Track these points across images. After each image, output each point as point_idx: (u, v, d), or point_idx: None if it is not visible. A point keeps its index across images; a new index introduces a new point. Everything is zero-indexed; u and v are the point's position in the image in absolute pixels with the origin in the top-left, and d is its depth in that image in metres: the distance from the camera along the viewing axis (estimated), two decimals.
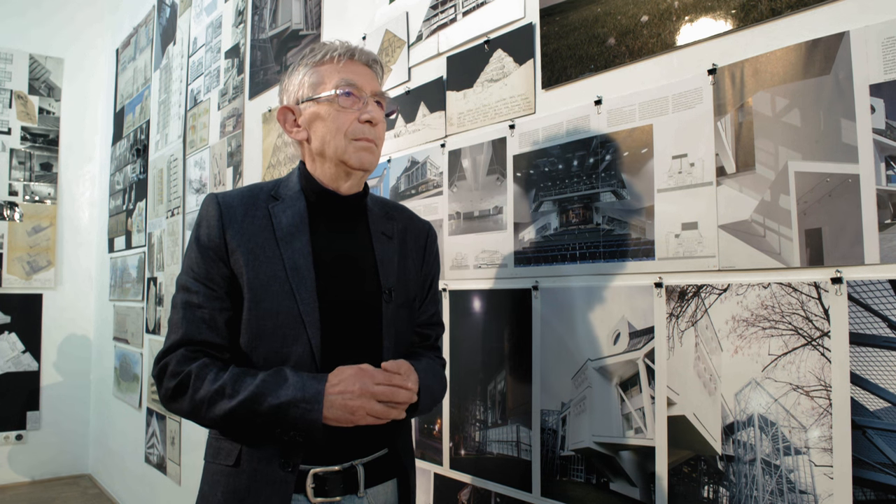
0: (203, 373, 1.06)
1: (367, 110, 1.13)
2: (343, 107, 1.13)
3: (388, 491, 1.20)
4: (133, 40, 4.46)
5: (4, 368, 4.52)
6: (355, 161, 1.14)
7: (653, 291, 1.23)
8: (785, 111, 1.05)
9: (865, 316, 0.95)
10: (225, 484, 1.10)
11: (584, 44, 1.39)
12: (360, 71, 1.16)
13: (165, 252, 3.52)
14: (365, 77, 1.16)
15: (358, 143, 1.13)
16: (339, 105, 1.13)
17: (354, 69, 1.15)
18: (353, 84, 1.13)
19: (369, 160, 1.15)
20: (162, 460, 3.47)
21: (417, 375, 1.11)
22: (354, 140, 1.13)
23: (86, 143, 5.00)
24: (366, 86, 1.15)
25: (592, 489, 1.32)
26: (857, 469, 0.95)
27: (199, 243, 1.14)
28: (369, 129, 1.14)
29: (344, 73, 1.14)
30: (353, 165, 1.14)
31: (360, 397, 1.03)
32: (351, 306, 1.16)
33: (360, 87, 1.14)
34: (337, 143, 1.14)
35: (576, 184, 1.39)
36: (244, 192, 1.19)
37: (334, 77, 1.14)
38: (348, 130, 1.13)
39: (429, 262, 1.31)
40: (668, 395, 1.19)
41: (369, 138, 1.14)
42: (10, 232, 4.62)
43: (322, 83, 1.15)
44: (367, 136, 1.14)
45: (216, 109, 3.10)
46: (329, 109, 1.13)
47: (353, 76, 1.14)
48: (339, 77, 1.14)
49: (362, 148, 1.14)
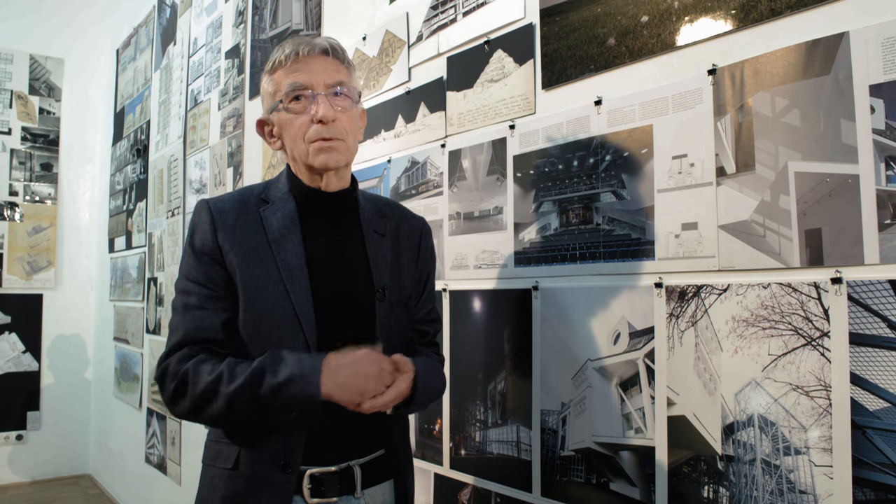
0: (200, 367, 1.06)
1: (316, 108, 1.10)
2: (296, 112, 1.11)
3: (386, 492, 1.20)
4: (133, 41, 4.46)
5: (5, 369, 4.52)
6: (317, 163, 1.12)
7: (653, 291, 1.23)
8: (785, 111, 1.05)
9: (865, 316, 0.95)
10: (224, 488, 1.10)
11: (585, 44, 1.39)
12: (310, 66, 1.12)
13: (166, 252, 3.52)
14: (315, 72, 1.11)
15: (316, 144, 1.11)
16: (292, 111, 1.12)
17: (302, 67, 1.12)
18: (300, 85, 1.11)
19: (331, 159, 1.12)
20: (162, 460, 3.47)
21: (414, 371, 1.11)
22: (312, 143, 1.11)
23: (86, 144, 5.00)
24: (317, 81, 1.11)
25: (592, 489, 1.32)
26: (856, 469, 0.95)
27: (193, 249, 1.14)
28: (325, 129, 1.10)
29: (291, 75, 1.11)
30: (317, 168, 1.14)
31: (358, 374, 1.01)
32: (345, 305, 1.15)
33: (310, 84, 1.11)
34: (298, 148, 1.13)
35: (576, 184, 1.39)
36: (235, 196, 1.19)
37: (283, 82, 1.12)
38: (306, 134, 1.11)
39: (423, 258, 1.31)
40: (668, 395, 1.19)
41: (325, 137, 1.11)
42: (11, 232, 4.62)
43: (277, 91, 1.14)
44: (323, 136, 1.11)
45: (216, 110, 3.10)
46: (286, 116, 1.13)
47: (301, 76, 1.11)
48: (287, 81, 1.12)
49: (320, 150, 1.11)
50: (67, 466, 4.75)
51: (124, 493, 4.12)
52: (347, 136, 1.14)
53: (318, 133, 1.11)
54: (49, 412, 4.67)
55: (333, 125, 1.11)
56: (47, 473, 4.66)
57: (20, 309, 4.61)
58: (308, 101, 1.11)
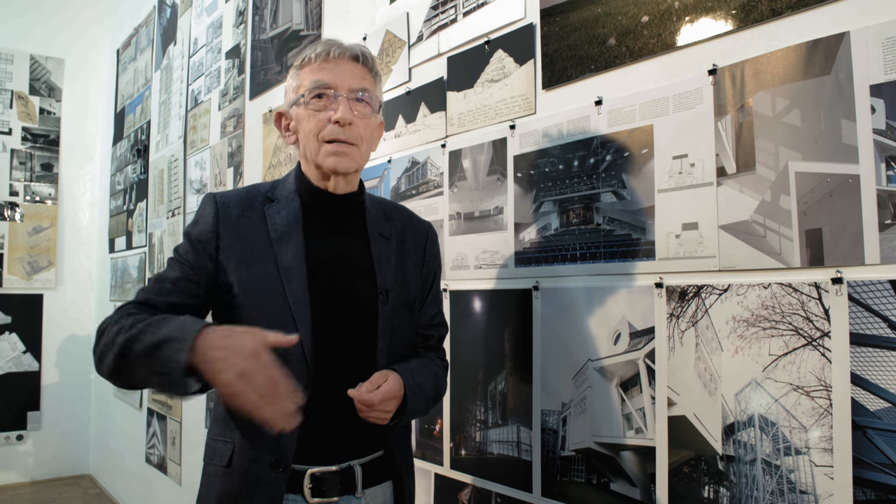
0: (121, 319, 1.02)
1: (335, 109, 1.10)
2: (315, 109, 1.12)
3: (387, 492, 1.20)
4: (134, 41, 4.47)
5: (5, 369, 4.52)
6: (326, 165, 1.13)
7: (653, 292, 1.23)
8: (785, 111, 1.05)
9: (866, 316, 0.95)
10: (219, 485, 1.11)
11: (585, 44, 1.39)
12: (338, 69, 1.13)
13: (166, 252, 3.52)
14: (342, 74, 1.12)
15: (328, 146, 1.12)
16: (312, 107, 1.12)
17: (330, 68, 1.13)
18: (324, 84, 1.11)
19: (340, 164, 1.12)
20: (162, 460, 3.47)
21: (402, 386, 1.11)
22: (326, 143, 1.12)
23: (86, 144, 5.00)
24: (341, 83, 1.12)
25: (593, 489, 1.32)
26: (857, 469, 0.95)
27: (190, 237, 1.15)
28: (340, 130, 1.11)
29: (317, 73, 1.12)
30: (325, 169, 1.14)
31: (247, 358, 0.89)
32: (345, 306, 1.15)
33: (334, 85, 1.12)
34: (311, 146, 1.14)
35: (576, 184, 1.39)
36: (242, 192, 1.20)
37: (308, 79, 1.13)
38: (321, 133, 1.12)
39: (429, 262, 1.31)
40: (668, 396, 1.19)
41: (340, 139, 1.11)
42: (11, 232, 4.62)
43: (300, 86, 1.14)
44: (338, 138, 1.11)
45: (217, 110, 3.10)
46: (305, 112, 1.13)
47: (327, 76, 1.12)
48: (312, 78, 1.12)
49: (331, 152, 1.12)
50: (68, 466, 4.75)
51: (124, 493, 4.12)
52: (361, 143, 1.15)
53: (332, 133, 1.11)
54: (49, 412, 4.67)
55: (350, 128, 1.12)
56: (47, 473, 4.66)
57: (21, 309, 4.61)
58: (329, 101, 1.12)
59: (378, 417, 1.08)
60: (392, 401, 1.09)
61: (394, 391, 1.09)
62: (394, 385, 1.09)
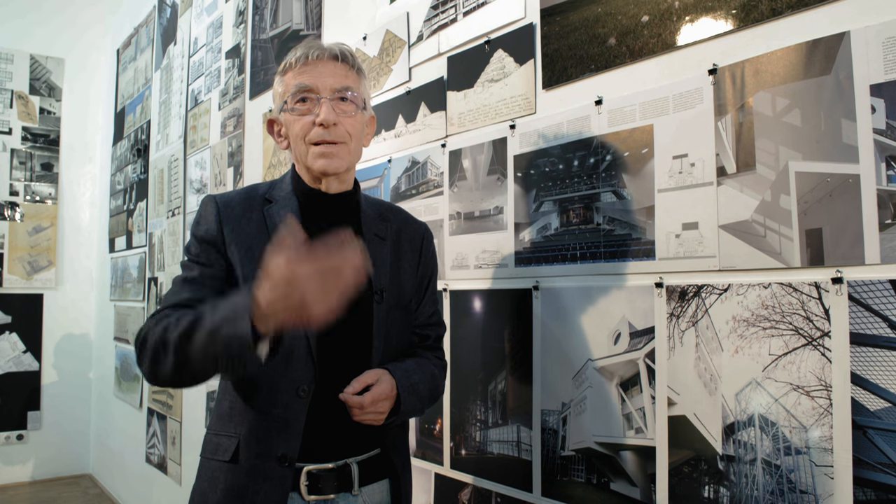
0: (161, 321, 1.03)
1: (318, 112, 1.11)
2: (300, 113, 1.13)
3: (384, 490, 1.21)
4: (134, 40, 4.46)
5: (5, 368, 4.52)
6: (315, 167, 1.14)
7: (653, 291, 1.23)
8: (785, 111, 1.05)
9: (866, 316, 0.95)
10: (224, 480, 1.11)
11: (585, 44, 1.39)
12: (318, 70, 1.13)
13: (166, 252, 3.52)
14: (322, 76, 1.13)
15: (316, 148, 1.13)
16: (297, 112, 1.13)
17: (311, 70, 1.13)
18: (306, 87, 1.12)
19: (329, 165, 1.13)
20: (163, 460, 3.47)
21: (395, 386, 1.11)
22: (313, 145, 1.13)
23: (87, 144, 5.00)
24: (322, 85, 1.12)
25: (593, 489, 1.32)
26: (857, 469, 0.95)
27: (197, 238, 1.17)
28: (325, 132, 1.12)
29: (299, 77, 1.13)
30: (315, 171, 1.15)
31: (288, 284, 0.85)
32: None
33: (315, 87, 1.12)
34: (300, 149, 1.15)
35: (576, 184, 1.39)
36: (241, 193, 1.21)
37: (291, 83, 1.14)
38: (307, 136, 1.13)
39: (425, 262, 1.31)
40: (668, 395, 1.19)
41: (326, 140, 1.12)
42: (11, 232, 4.62)
43: (285, 91, 1.15)
44: (325, 139, 1.12)
45: (217, 109, 3.10)
46: (291, 117, 1.14)
47: (307, 78, 1.12)
48: (294, 83, 1.13)
49: (319, 154, 1.13)
50: (68, 466, 4.75)
51: (125, 492, 4.12)
52: (350, 140, 1.15)
53: (318, 136, 1.12)
54: (49, 412, 4.67)
55: (334, 129, 1.12)
56: (48, 473, 4.66)
57: (21, 309, 4.61)
58: (312, 104, 1.13)
59: (371, 419, 1.09)
60: (384, 402, 1.09)
61: (385, 392, 1.10)
62: (385, 386, 1.10)
